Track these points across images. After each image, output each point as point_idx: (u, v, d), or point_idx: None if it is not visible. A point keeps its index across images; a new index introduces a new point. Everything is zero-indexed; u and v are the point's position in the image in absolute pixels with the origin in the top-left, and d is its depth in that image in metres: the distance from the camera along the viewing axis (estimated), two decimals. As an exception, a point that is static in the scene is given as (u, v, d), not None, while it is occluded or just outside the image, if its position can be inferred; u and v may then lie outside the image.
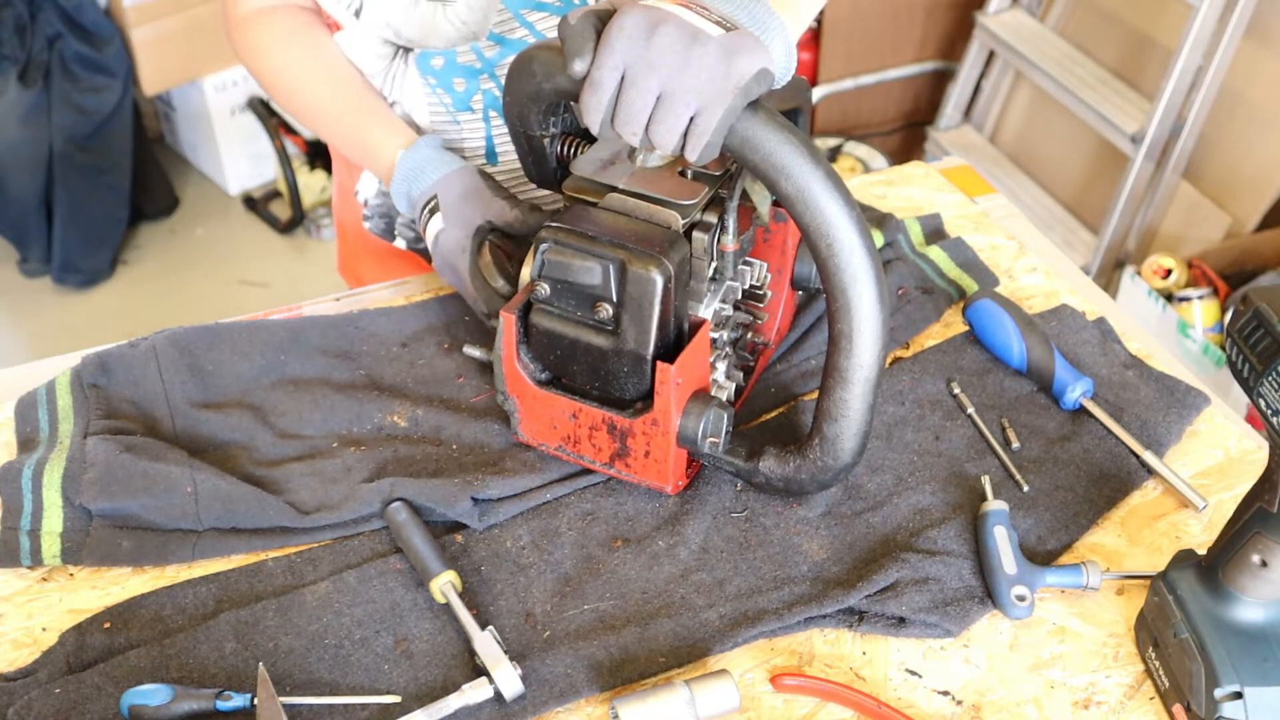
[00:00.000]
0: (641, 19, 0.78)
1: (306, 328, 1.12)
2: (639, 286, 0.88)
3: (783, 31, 0.83)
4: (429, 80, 1.16)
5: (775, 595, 0.90)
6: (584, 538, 0.95)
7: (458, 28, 1.11)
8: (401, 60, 1.16)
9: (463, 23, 1.10)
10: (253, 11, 1.18)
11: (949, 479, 0.99)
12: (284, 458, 1.01)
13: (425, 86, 1.16)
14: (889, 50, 3.12)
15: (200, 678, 0.85)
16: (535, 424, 0.98)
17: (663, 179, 0.93)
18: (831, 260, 0.84)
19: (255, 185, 3.40)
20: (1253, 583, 0.79)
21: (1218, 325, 2.44)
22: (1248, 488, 0.80)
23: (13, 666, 0.85)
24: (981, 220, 1.30)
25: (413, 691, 0.84)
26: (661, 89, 0.79)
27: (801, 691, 0.85)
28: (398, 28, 1.12)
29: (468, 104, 1.18)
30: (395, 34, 1.13)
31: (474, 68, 1.16)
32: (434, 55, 1.14)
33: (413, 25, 1.11)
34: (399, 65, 1.16)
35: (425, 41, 1.12)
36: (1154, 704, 0.84)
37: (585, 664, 0.85)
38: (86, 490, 0.93)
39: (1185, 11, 2.45)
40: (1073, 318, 1.14)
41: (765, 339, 1.10)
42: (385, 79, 1.17)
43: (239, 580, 0.92)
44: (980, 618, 0.89)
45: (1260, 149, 2.52)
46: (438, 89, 1.17)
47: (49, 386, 1.04)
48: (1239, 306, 0.76)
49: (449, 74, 1.16)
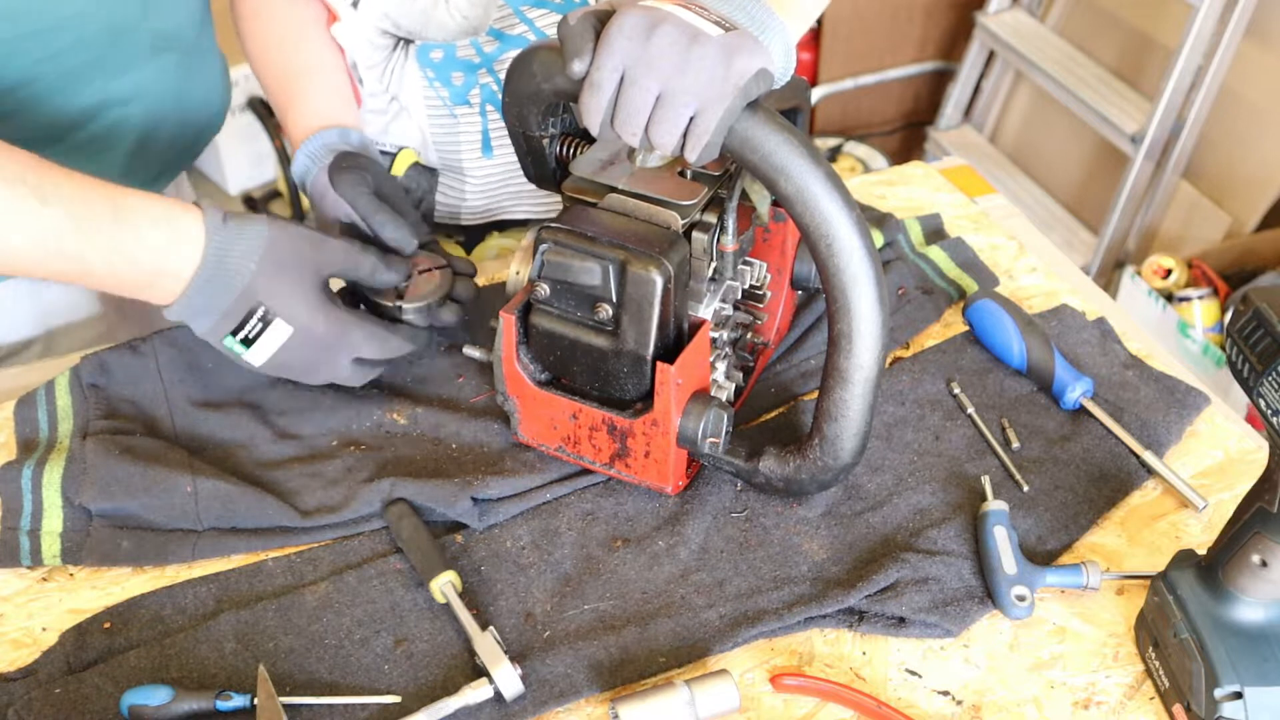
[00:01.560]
0: (641, 19, 0.78)
1: (306, 328, 1.12)
2: (639, 287, 0.88)
3: (782, 32, 0.83)
4: (427, 73, 1.16)
5: (775, 595, 0.90)
6: (584, 538, 0.95)
7: (458, 21, 1.11)
8: (401, 53, 1.16)
9: (464, 17, 1.10)
10: (261, 1, 1.18)
11: (949, 479, 0.99)
12: (284, 457, 1.01)
13: (423, 80, 1.16)
14: (889, 50, 3.12)
15: (200, 678, 0.84)
16: (535, 424, 0.98)
17: (662, 179, 0.93)
18: (831, 261, 0.84)
19: (255, 185, 3.39)
20: (1253, 583, 0.79)
21: (1218, 325, 2.44)
22: (1248, 488, 0.80)
23: (13, 666, 0.85)
24: (981, 220, 1.30)
25: (413, 691, 0.84)
26: (661, 89, 0.79)
27: (801, 691, 0.85)
28: (396, 19, 1.12)
29: (465, 98, 1.18)
30: (394, 25, 1.13)
31: (472, 62, 1.16)
32: (433, 48, 1.14)
33: (412, 17, 1.11)
34: (398, 58, 1.16)
35: (425, 33, 1.12)
36: (1154, 704, 0.84)
37: (585, 664, 0.85)
38: (86, 490, 0.93)
39: (1185, 11, 2.46)
40: (1073, 318, 1.14)
41: (765, 339, 1.10)
42: (384, 71, 1.17)
43: (239, 580, 0.92)
44: (980, 618, 0.89)
45: (1260, 149, 2.52)
46: (435, 82, 1.17)
47: (48, 387, 1.04)
48: (1239, 306, 0.76)
49: (447, 68, 1.16)
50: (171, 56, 1.11)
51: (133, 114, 1.10)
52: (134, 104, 1.09)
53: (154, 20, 1.07)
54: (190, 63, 1.15)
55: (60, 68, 1.01)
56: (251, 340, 0.95)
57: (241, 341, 0.95)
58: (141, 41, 1.07)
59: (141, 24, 1.06)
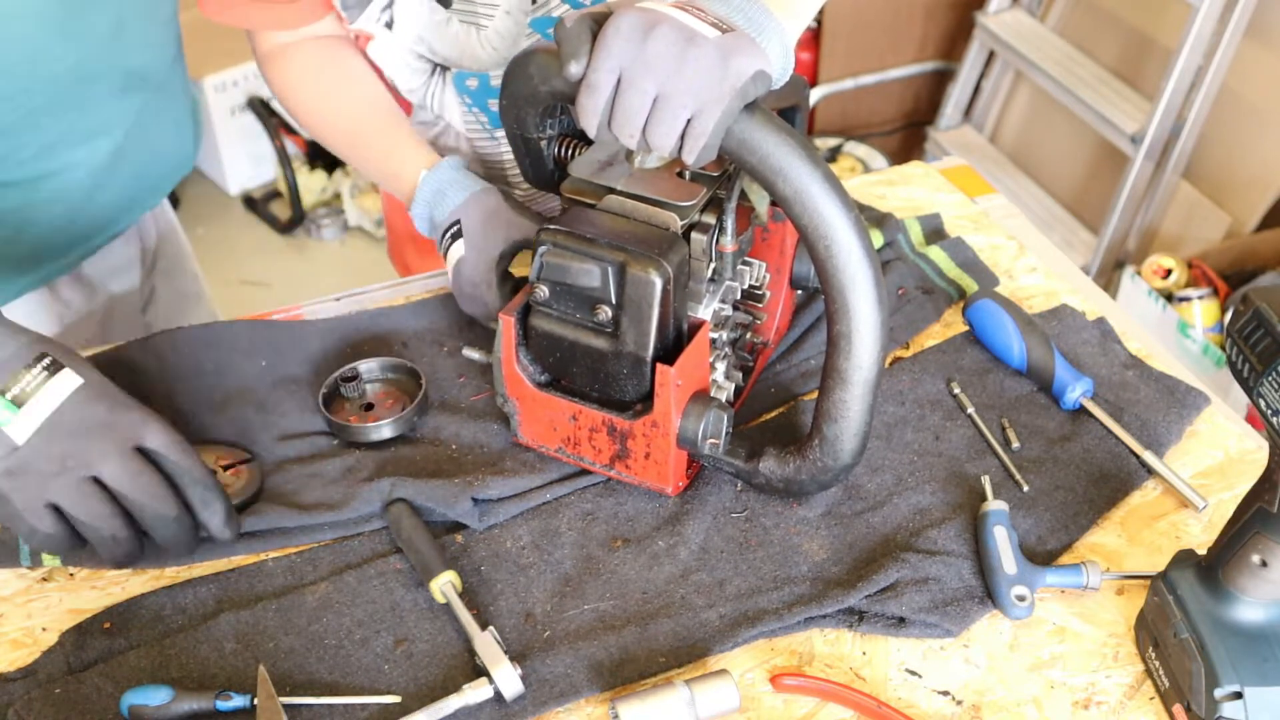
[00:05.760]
0: (637, 21, 0.78)
1: (307, 328, 1.12)
2: (638, 288, 0.88)
3: (779, 32, 0.83)
4: (464, 99, 1.16)
5: (775, 595, 0.90)
6: (584, 538, 0.95)
7: (490, 54, 1.12)
8: (440, 77, 1.16)
9: (494, 49, 1.11)
10: (279, 46, 1.17)
11: (949, 479, 0.99)
12: (284, 458, 1.01)
13: (462, 105, 1.17)
14: (889, 50, 3.12)
15: (200, 678, 0.85)
16: (535, 426, 0.98)
17: (661, 180, 0.93)
18: (830, 261, 0.84)
19: (255, 185, 3.40)
20: (1253, 583, 0.79)
21: (1218, 325, 2.44)
22: (1248, 488, 0.80)
23: (13, 666, 0.85)
24: (981, 220, 1.30)
25: (413, 691, 0.84)
26: (658, 91, 0.79)
27: (801, 691, 0.85)
28: (431, 44, 1.12)
29: None
30: (430, 50, 1.13)
31: None
32: (469, 76, 1.15)
33: (446, 43, 1.11)
34: (437, 82, 1.16)
35: (460, 62, 1.13)
36: (1154, 704, 0.84)
37: (585, 664, 0.85)
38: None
39: (1185, 11, 2.46)
40: (1073, 318, 1.14)
41: (764, 339, 1.10)
42: (426, 94, 1.17)
43: (239, 580, 0.92)
44: (980, 618, 0.89)
45: (1260, 149, 2.52)
46: (474, 108, 1.17)
47: (49, 387, 1.04)
48: (1239, 306, 0.76)
49: (483, 95, 1.16)
50: (140, 95, 1.11)
51: (98, 150, 1.09)
52: (99, 139, 1.09)
53: (124, 59, 1.07)
54: (159, 102, 1.15)
55: (25, 105, 1.00)
56: None
57: None
58: (111, 80, 1.07)
59: (112, 63, 1.05)
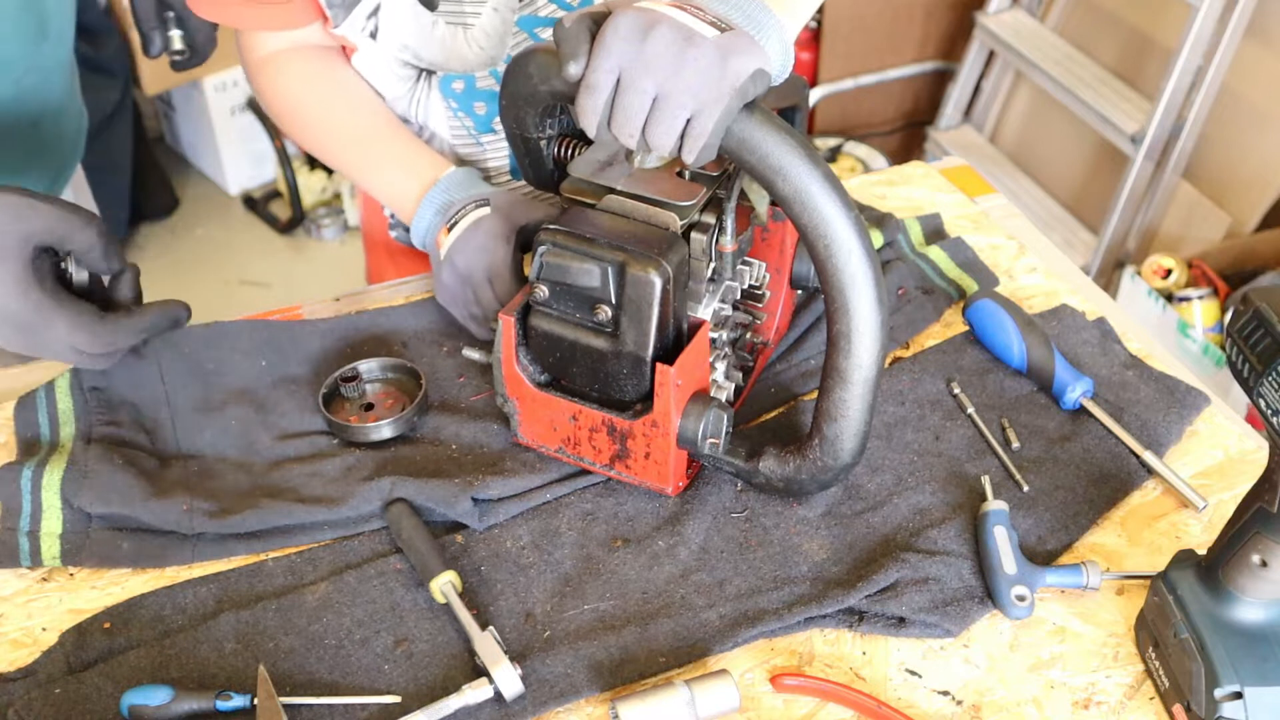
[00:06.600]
0: (636, 20, 0.78)
1: (306, 328, 1.12)
2: (638, 288, 0.88)
3: (779, 31, 0.83)
4: (450, 104, 1.16)
5: (775, 595, 0.90)
6: (584, 538, 0.95)
7: (476, 53, 1.11)
8: (425, 83, 1.16)
9: (480, 48, 1.11)
10: (270, 54, 1.16)
11: (949, 479, 0.99)
12: (284, 458, 1.01)
13: (448, 110, 1.17)
14: (889, 50, 3.12)
15: (200, 678, 0.85)
16: (535, 426, 0.98)
17: (660, 180, 0.93)
18: (829, 261, 0.84)
19: (255, 185, 3.40)
20: (1253, 583, 0.79)
21: (1218, 325, 2.44)
22: (1248, 488, 0.80)
23: (13, 666, 0.85)
24: (981, 220, 1.30)
25: (413, 691, 0.84)
26: (657, 91, 0.79)
27: (801, 691, 0.85)
28: (417, 50, 1.12)
29: (490, 126, 1.18)
30: (415, 56, 1.13)
31: (494, 91, 1.16)
32: (455, 79, 1.15)
33: (433, 47, 1.11)
34: (422, 89, 1.16)
35: (447, 65, 1.13)
36: (1154, 704, 0.84)
37: (585, 664, 0.85)
38: (85, 495, 0.93)
39: (1185, 11, 2.45)
40: (1073, 318, 1.14)
41: (764, 338, 1.10)
42: (410, 103, 1.17)
43: (239, 580, 0.92)
44: (980, 618, 0.89)
45: (1260, 149, 2.52)
46: (460, 112, 1.17)
47: (48, 388, 1.04)
48: (1239, 306, 0.76)
49: (469, 98, 1.16)
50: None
51: None
52: None
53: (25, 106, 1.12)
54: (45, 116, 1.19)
55: None
56: None
57: None
58: None
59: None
